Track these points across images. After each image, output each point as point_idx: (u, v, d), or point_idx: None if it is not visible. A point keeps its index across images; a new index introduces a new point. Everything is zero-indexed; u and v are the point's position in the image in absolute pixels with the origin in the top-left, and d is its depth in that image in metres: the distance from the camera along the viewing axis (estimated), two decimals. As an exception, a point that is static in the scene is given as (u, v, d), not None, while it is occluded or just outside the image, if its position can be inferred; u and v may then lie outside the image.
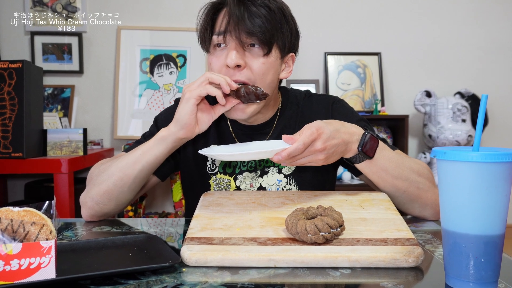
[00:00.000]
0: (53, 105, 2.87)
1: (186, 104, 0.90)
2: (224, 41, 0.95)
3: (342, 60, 2.97)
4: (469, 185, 0.55)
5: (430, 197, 0.94)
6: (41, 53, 2.89)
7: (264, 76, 0.96)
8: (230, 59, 0.92)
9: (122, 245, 0.75)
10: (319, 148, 0.83)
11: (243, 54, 0.94)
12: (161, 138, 0.94)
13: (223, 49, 0.96)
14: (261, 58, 0.95)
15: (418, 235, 0.85)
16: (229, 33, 0.93)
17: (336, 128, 0.86)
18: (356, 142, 0.89)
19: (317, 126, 0.83)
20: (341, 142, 0.86)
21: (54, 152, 2.23)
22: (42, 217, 0.59)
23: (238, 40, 0.93)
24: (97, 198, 0.96)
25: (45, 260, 0.57)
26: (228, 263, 0.66)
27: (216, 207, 0.85)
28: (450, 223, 0.58)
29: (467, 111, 2.72)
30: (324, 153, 0.84)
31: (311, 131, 0.82)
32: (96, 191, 0.96)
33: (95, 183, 0.97)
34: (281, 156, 0.80)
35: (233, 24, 0.92)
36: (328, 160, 0.86)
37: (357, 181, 2.76)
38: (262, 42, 0.93)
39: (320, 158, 0.85)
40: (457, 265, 0.57)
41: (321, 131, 0.83)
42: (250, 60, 0.95)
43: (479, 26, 3.00)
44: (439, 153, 0.57)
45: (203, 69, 2.86)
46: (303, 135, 0.82)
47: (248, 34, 0.92)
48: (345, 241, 0.70)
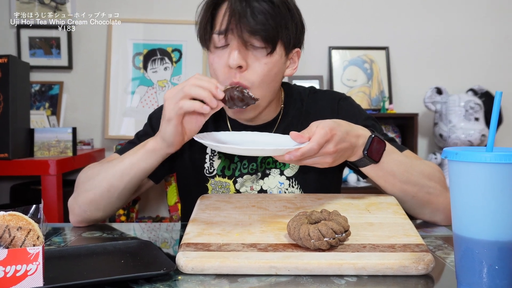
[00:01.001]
0: (40, 103, 2.87)
1: (167, 126, 0.86)
2: (226, 40, 0.94)
3: (347, 55, 2.97)
4: (482, 188, 0.55)
5: (442, 202, 0.94)
6: (27, 47, 2.88)
7: (266, 77, 0.95)
8: (232, 60, 0.92)
9: (113, 252, 0.75)
10: (330, 151, 0.82)
11: (245, 53, 0.94)
12: (150, 151, 0.91)
13: (224, 48, 0.95)
14: (264, 58, 0.94)
15: (428, 240, 0.85)
16: (230, 32, 0.92)
17: (346, 130, 0.86)
18: (362, 145, 0.89)
19: (330, 126, 0.82)
20: (349, 146, 0.86)
21: (42, 152, 2.23)
22: (29, 221, 0.59)
23: (241, 39, 0.92)
24: (84, 206, 0.96)
25: (32, 268, 0.57)
26: (227, 271, 0.66)
27: (214, 211, 0.85)
28: (462, 228, 0.58)
29: (480, 109, 2.72)
30: (333, 156, 0.84)
31: (325, 131, 0.81)
32: (82, 199, 0.96)
33: (82, 189, 0.97)
34: (293, 156, 0.79)
35: (234, 22, 0.91)
36: (334, 163, 0.86)
37: (364, 183, 2.76)
38: (266, 41, 0.92)
39: (327, 161, 0.84)
40: (470, 273, 0.57)
41: (334, 132, 0.83)
42: (252, 60, 0.94)
43: (493, 19, 3.00)
44: (450, 154, 0.57)
45: (199, 65, 2.86)
46: (316, 134, 0.81)
47: (251, 32, 0.91)
48: (351, 247, 0.70)
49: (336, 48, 2.97)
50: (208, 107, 0.82)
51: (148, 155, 0.92)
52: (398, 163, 0.91)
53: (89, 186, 0.96)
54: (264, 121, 1.07)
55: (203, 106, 0.82)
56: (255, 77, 0.94)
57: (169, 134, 0.87)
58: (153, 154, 0.92)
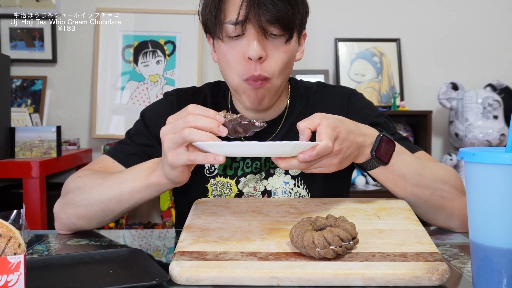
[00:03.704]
0: (22, 99, 2.87)
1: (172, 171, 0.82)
2: (242, 30, 0.94)
3: (355, 48, 2.97)
4: (501, 192, 0.55)
5: (457, 207, 0.94)
6: (8, 39, 2.89)
7: (285, 66, 0.98)
8: (253, 51, 0.92)
9: (101, 261, 0.75)
10: (335, 150, 0.83)
11: (264, 43, 0.95)
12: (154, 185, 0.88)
13: (239, 38, 0.96)
14: (283, 47, 0.96)
15: (443, 249, 0.85)
16: (249, 21, 0.93)
17: (351, 128, 0.86)
18: (369, 145, 0.89)
19: (334, 124, 0.83)
20: (354, 145, 0.86)
21: (23, 153, 2.23)
22: (10, 228, 0.59)
23: (260, 28, 0.93)
24: (73, 219, 0.96)
25: (13, 278, 0.57)
26: (224, 282, 0.66)
27: (210, 217, 0.85)
28: (479, 235, 0.58)
29: (499, 106, 2.72)
30: (339, 156, 0.84)
31: (331, 129, 0.81)
32: (73, 212, 0.96)
33: (73, 202, 0.96)
34: (308, 156, 0.77)
35: (253, 11, 0.92)
36: (341, 165, 0.86)
37: (373, 186, 2.77)
38: (285, 28, 0.94)
39: (334, 162, 0.84)
40: (488, 283, 0.57)
41: (338, 130, 0.83)
42: (271, 50, 0.95)
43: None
44: (467, 155, 0.57)
45: (195, 58, 2.86)
46: (324, 132, 0.80)
47: (270, 21, 0.92)
48: (359, 256, 0.70)
49: (342, 40, 2.97)
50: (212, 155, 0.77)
51: (151, 188, 0.89)
52: (409, 165, 0.92)
53: (81, 201, 0.95)
54: (271, 117, 1.08)
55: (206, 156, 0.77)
56: (275, 67, 0.96)
57: (175, 177, 0.84)
58: (157, 187, 0.89)
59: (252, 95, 0.98)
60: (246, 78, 0.96)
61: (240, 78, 0.97)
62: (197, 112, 0.77)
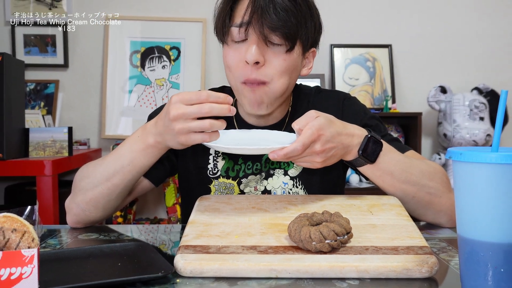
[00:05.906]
0: (35, 102, 2.87)
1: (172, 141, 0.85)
2: (245, 35, 0.95)
3: (349, 53, 2.97)
4: (487, 189, 0.55)
5: (444, 203, 0.94)
6: (22, 45, 2.88)
7: (283, 74, 0.96)
8: (250, 55, 0.92)
9: (110, 254, 0.75)
10: (317, 151, 0.84)
11: (264, 49, 0.94)
12: (150, 147, 0.89)
13: (242, 43, 0.96)
14: (283, 55, 0.95)
15: (432, 243, 0.85)
16: (251, 26, 0.93)
17: (338, 130, 0.87)
18: (357, 145, 0.90)
19: (318, 126, 0.84)
20: (340, 146, 0.88)
21: (37, 153, 2.23)
22: (24, 223, 0.59)
23: (261, 35, 0.93)
24: (82, 205, 0.96)
25: (27, 270, 0.57)
26: (226, 274, 0.66)
27: (213, 213, 0.85)
28: (466, 230, 0.58)
29: (485, 108, 2.72)
30: (322, 156, 0.86)
31: (311, 132, 0.83)
32: (81, 198, 0.96)
33: (81, 189, 0.97)
34: (277, 155, 0.82)
35: (256, 16, 0.92)
36: (326, 163, 0.88)
37: (366, 184, 2.76)
38: (286, 38, 0.93)
39: (317, 161, 0.86)
40: (475, 276, 0.57)
41: (321, 133, 0.84)
42: (270, 56, 0.95)
43: (498, 16, 3.00)
44: (454, 154, 0.57)
45: (198, 63, 2.86)
46: (302, 135, 0.83)
47: (272, 28, 0.92)
48: (353, 249, 0.70)
49: (337, 46, 2.97)
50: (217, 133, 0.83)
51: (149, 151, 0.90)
52: (396, 163, 0.92)
53: (87, 185, 0.96)
54: (273, 122, 1.08)
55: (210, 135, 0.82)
56: (273, 71, 0.95)
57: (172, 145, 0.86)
58: (154, 150, 0.90)
59: (251, 97, 0.98)
60: (243, 80, 0.96)
61: (238, 81, 0.97)
62: (211, 100, 0.79)
